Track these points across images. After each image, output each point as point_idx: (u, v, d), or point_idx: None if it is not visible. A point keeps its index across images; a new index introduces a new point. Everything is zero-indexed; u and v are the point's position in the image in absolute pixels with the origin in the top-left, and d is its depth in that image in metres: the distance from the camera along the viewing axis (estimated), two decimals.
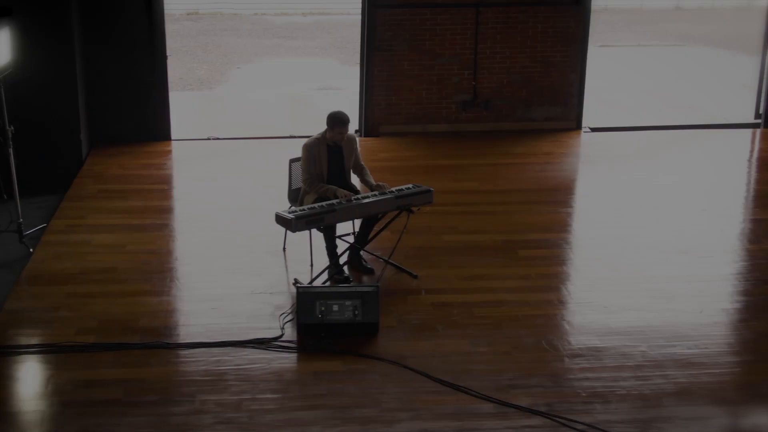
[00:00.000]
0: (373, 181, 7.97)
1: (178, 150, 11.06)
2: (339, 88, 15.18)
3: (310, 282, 7.69)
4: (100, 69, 10.78)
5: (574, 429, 5.91)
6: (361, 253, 8.06)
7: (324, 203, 7.59)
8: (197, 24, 22.12)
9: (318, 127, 8.04)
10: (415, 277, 7.89)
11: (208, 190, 9.88)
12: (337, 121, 7.85)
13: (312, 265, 8.02)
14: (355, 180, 8.22)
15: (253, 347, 6.80)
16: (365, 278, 7.90)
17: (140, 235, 8.66)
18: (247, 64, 18.02)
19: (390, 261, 8.06)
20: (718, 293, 7.69)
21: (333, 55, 18.63)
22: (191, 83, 16.41)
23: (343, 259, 7.97)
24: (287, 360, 6.69)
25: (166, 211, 9.31)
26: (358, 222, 8.12)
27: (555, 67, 11.62)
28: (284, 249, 8.33)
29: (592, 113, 12.40)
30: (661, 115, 13.36)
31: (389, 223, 7.96)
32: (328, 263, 7.86)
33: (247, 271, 7.97)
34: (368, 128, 11.63)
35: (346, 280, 7.77)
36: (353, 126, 11.71)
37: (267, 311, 7.29)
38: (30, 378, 6.48)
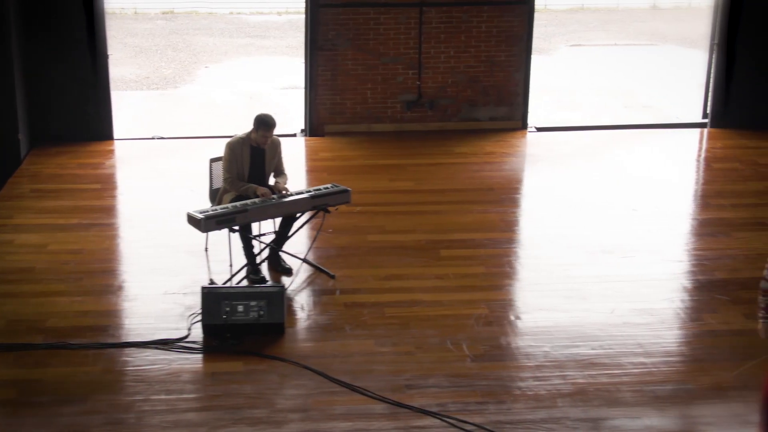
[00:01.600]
0: (280, 182, 7.90)
1: (120, 150, 11.04)
2: (301, 87, 15.13)
3: (226, 282, 7.68)
4: (40, 68, 10.75)
5: (464, 430, 5.90)
6: (280, 253, 8.04)
7: (237, 203, 7.58)
8: (170, 23, 22.11)
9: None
10: (333, 277, 7.88)
11: (143, 189, 9.86)
12: (263, 123, 7.83)
13: (231, 266, 8.00)
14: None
15: (157, 348, 6.80)
16: (283, 278, 7.89)
17: (64, 234, 8.64)
18: (216, 64, 18.03)
19: (308, 261, 8.05)
20: (633, 294, 7.64)
21: (303, 54, 18.58)
22: (156, 82, 16.40)
23: (260, 259, 7.95)
24: (188, 361, 6.67)
25: (95, 210, 9.27)
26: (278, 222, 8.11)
27: (499, 66, 11.57)
28: (206, 249, 8.32)
29: (550, 113, 12.36)
30: (615, 114, 13.35)
31: (305, 223, 7.96)
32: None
33: (165, 272, 7.96)
34: (313, 128, 11.60)
35: (262, 280, 7.75)
36: (299, 126, 11.76)
37: (177, 312, 7.28)
38: None
